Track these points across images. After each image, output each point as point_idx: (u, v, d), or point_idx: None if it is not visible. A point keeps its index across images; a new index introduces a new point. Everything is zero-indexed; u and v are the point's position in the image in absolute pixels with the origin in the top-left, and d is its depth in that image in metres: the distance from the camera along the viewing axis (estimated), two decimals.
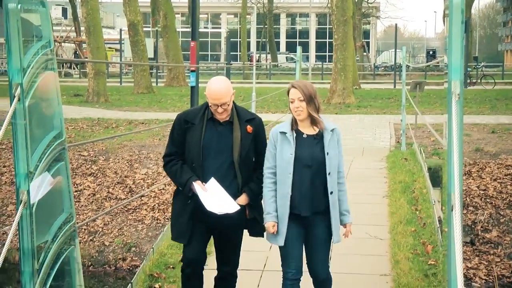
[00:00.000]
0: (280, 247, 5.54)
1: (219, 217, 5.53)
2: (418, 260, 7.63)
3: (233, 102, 5.68)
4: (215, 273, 5.94)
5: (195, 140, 5.58)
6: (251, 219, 5.67)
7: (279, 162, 5.45)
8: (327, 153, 5.42)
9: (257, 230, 5.73)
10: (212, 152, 5.57)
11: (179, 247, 7.72)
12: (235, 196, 5.58)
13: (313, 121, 5.47)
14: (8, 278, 12.41)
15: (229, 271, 5.89)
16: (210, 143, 5.57)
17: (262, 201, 5.66)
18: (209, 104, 5.55)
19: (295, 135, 5.47)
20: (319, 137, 5.47)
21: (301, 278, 5.61)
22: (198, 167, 5.58)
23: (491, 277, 10.71)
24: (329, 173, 5.42)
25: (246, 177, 5.64)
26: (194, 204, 5.58)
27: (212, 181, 5.53)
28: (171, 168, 5.75)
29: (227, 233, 5.73)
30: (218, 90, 5.45)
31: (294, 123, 5.52)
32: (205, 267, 5.85)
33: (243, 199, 5.59)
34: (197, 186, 5.55)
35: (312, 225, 5.55)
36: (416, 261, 7.56)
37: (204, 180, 5.55)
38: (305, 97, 5.38)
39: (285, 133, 5.47)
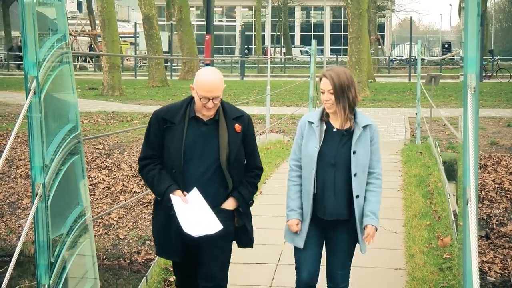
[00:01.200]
0: (295, 248, 5.14)
1: None
2: (433, 254, 7.61)
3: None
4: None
5: (175, 143, 4.88)
6: (240, 228, 5.05)
7: (304, 155, 4.98)
8: (354, 152, 4.88)
9: (247, 240, 5.15)
10: (196, 156, 4.88)
11: None
12: (220, 205, 4.94)
13: (345, 116, 4.95)
14: (23, 271, 12.48)
15: None
16: (193, 146, 4.89)
17: (286, 196, 5.11)
18: (199, 98, 4.84)
19: (324, 127, 4.97)
20: (349, 133, 4.94)
21: (316, 286, 5.18)
22: (179, 174, 4.88)
23: (506, 271, 10.68)
24: (355, 174, 4.89)
25: (237, 182, 4.98)
26: None
27: (195, 193, 4.84)
28: (147, 173, 5.02)
29: (213, 245, 4.93)
30: (213, 81, 4.81)
31: (324, 114, 5.03)
32: None
33: (230, 203, 4.95)
34: (176, 197, 4.85)
35: (334, 229, 5.07)
36: (431, 255, 7.54)
37: (186, 189, 4.87)
38: (336, 89, 4.87)
39: (312, 123, 4.99)
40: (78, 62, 53.40)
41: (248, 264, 7.12)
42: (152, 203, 14.10)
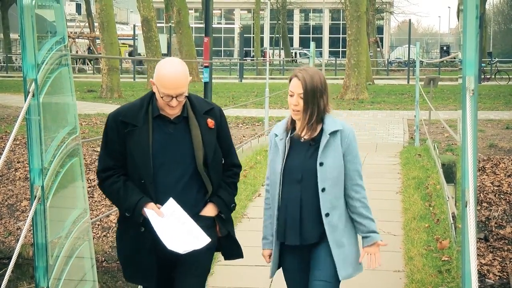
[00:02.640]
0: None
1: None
2: (432, 256, 7.61)
3: None
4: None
5: (141, 148, 4.21)
6: (224, 237, 4.46)
7: (271, 172, 4.37)
8: (320, 163, 4.21)
9: (234, 251, 4.57)
10: (167, 162, 4.24)
11: None
12: (200, 211, 4.36)
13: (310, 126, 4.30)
14: (22, 274, 12.47)
15: None
16: (163, 150, 4.24)
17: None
18: (160, 96, 4.18)
19: (287, 137, 4.34)
20: (316, 141, 4.29)
21: None
22: (150, 185, 4.21)
23: (505, 273, 10.67)
24: (322, 189, 4.21)
25: (215, 185, 4.40)
26: (151, 231, 4.22)
27: (171, 204, 4.20)
28: (110, 187, 4.31)
29: (193, 260, 4.32)
30: (176, 76, 4.15)
31: (290, 123, 4.39)
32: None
33: (210, 209, 4.35)
34: (151, 211, 4.20)
35: (309, 251, 4.39)
36: (429, 258, 7.55)
37: (159, 201, 4.22)
38: (307, 93, 4.21)
39: (277, 135, 4.38)
40: (77, 65, 53.45)
41: (247, 266, 7.12)
42: None
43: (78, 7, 67.58)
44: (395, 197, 10.55)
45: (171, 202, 4.20)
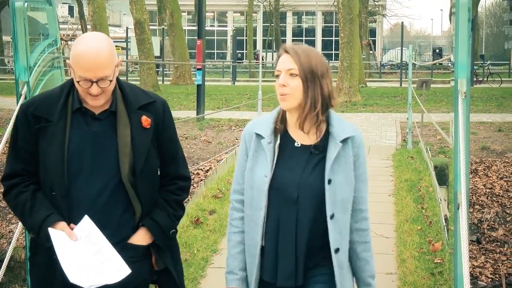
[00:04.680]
0: None
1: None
2: (424, 258, 7.62)
3: (118, 79, 3.40)
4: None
5: (53, 150, 3.26)
6: (161, 271, 3.52)
7: (248, 185, 3.24)
8: (329, 181, 3.14)
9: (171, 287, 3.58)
10: (86, 170, 3.28)
11: (185, 245, 7.72)
12: (127, 237, 3.38)
13: (315, 119, 3.19)
14: (14, 276, 12.43)
15: None
16: (81, 154, 3.28)
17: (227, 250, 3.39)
18: (76, 81, 3.24)
19: (278, 141, 3.23)
20: (320, 149, 3.20)
21: None
22: (62, 198, 3.27)
23: (497, 275, 10.69)
24: (331, 216, 3.15)
25: (149, 204, 3.42)
26: None
27: (86, 223, 3.26)
28: (16, 199, 3.39)
29: None
30: (95, 53, 3.16)
31: (280, 120, 3.28)
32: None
33: (141, 236, 3.39)
34: (57, 232, 3.25)
35: None
36: (422, 260, 7.55)
37: (73, 219, 3.28)
38: (302, 71, 3.14)
39: (262, 137, 3.23)
40: (69, 67, 53.28)
41: None
42: None
43: (71, 9, 67.50)
44: (387, 200, 10.55)
45: (86, 222, 3.25)
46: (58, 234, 3.24)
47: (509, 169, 14.02)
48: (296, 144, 3.24)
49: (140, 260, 3.39)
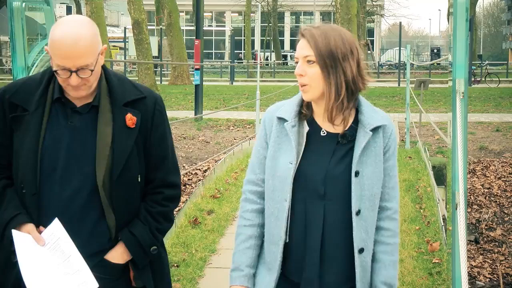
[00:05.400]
0: None
1: None
2: (423, 258, 7.62)
3: (104, 68, 3.03)
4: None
5: (27, 144, 2.92)
6: None
7: (270, 175, 2.91)
8: (356, 173, 2.83)
9: None
10: (59, 168, 2.90)
11: (183, 246, 7.72)
12: (102, 252, 2.98)
13: (341, 107, 2.86)
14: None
15: None
16: (56, 150, 2.92)
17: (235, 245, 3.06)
18: (54, 69, 2.87)
19: (306, 128, 2.89)
20: (348, 139, 2.89)
21: None
22: (31, 197, 2.91)
23: (495, 275, 10.69)
24: (357, 212, 2.83)
25: (126, 215, 3.00)
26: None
27: (55, 228, 2.88)
28: None
29: None
30: (73, 39, 2.77)
31: (304, 106, 2.94)
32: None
33: (117, 252, 2.99)
34: (22, 235, 2.90)
35: None
36: (420, 260, 7.55)
37: (43, 222, 2.91)
38: (320, 56, 2.79)
39: (285, 120, 2.90)
40: None
41: None
42: None
43: (69, 9, 67.48)
44: None
45: (55, 226, 2.87)
46: (23, 237, 2.89)
47: (507, 169, 14.04)
48: (322, 133, 2.90)
49: (118, 279, 3.00)
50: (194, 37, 22.53)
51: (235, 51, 52.85)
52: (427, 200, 10.30)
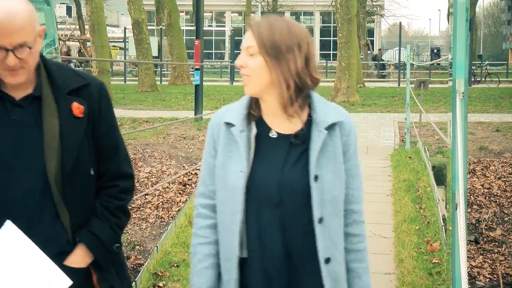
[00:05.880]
0: None
1: None
2: (422, 258, 7.63)
3: (42, 56, 2.77)
4: None
5: None
6: None
7: (220, 186, 2.69)
8: (316, 177, 2.59)
9: None
10: (5, 167, 2.66)
11: (184, 246, 7.72)
12: (61, 254, 2.72)
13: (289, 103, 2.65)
14: None
15: None
16: None
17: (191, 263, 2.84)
18: None
19: (254, 131, 2.67)
20: (302, 139, 2.66)
21: None
22: None
23: (495, 275, 10.70)
24: (320, 220, 2.60)
25: (81, 213, 2.76)
26: None
27: (9, 229, 2.61)
28: None
29: None
30: (7, 14, 2.54)
31: (253, 105, 2.73)
32: None
33: (79, 256, 2.76)
34: None
35: None
36: (420, 260, 7.56)
37: None
38: (263, 47, 2.60)
39: (232, 125, 2.68)
40: None
41: None
42: (141, 209, 14.06)
43: (69, 9, 67.51)
44: (385, 200, 10.56)
45: (8, 228, 2.61)
46: None
47: (507, 169, 14.03)
48: (271, 134, 2.68)
49: (80, 285, 2.72)
50: (194, 37, 22.51)
51: (235, 51, 52.77)
52: (427, 200, 10.31)
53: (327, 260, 2.63)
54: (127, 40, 48.18)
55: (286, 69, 2.59)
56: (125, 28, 51.18)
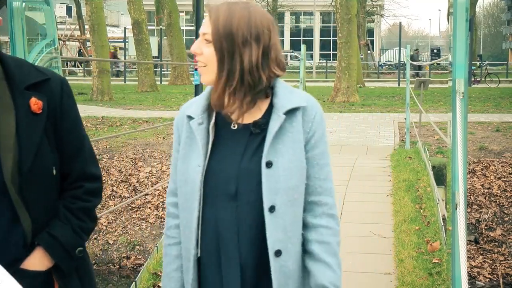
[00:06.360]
0: None
1: None
2: (422, 258, 7.62)
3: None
4: None
5: None
6: None
7: (181, 181, 2.53)
8: (268, 163, 2.41)
9: None
10: None
11: None
12: (18, 261, 2.49)
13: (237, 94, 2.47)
14: None
15: None
16: None
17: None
18: None
19: (212, 121, 2.52)
20: (261, 127, 2.48)
21: None
22: None
23: (495, 275, 10.70)
24: (270, 208, 2.40)
25: (43, 215, 2.53)
26: None
27: None
28: None
29: None
30: None
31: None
32: None
33: (37, 259, 2.51)
34: None
35: None
36: (420, 260, 7.55)
37: None
38: (217, 35, 2.43)
39: (192, 118, 2.54)
40: (67, 67, 53.34)
41: None
42: (141, 209, 14.06)
43: (69, 9, 67.51)
44: (385, 200, 10.55)
45: None
46: None
47: (507, 169, 14.03)
48: (233, 126, 2.51)
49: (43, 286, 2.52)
50: (194, 37, 22.50)
51: None
52: (427, 200, 10.30)
53: (278, 253, 2.42)
54: (127, 40, 48.19)
55: (237, 64, 2.42)
56: (125, 28, 51.21)
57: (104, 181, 14.69)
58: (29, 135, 2.47)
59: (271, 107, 2.49)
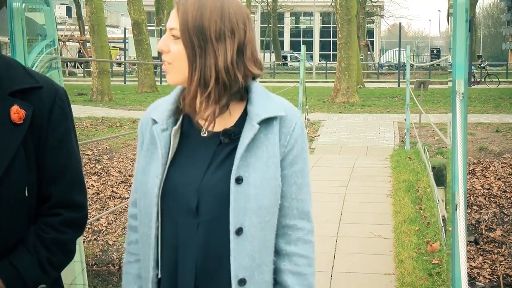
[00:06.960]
0: None
1: None
2: (422, 259, 7.62)
3: None
4: None
5: None
6: None
7: (141, 193, 2.24)
8: (238, 179, 2.11)
9: None
10: None
11: None
12: None
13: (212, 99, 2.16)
14: None
15: None
16: None
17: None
18: None
19: (175, 128, 2.22)
20: (232, 137, 2.18)
21: None
22: None
23: (495, 276, 10.70)
24: (238, 230, 2.11)
25: (7, 240, 2.14)
26: None
27: None
28: None
29: None
30: None
31: (181, 100, 2.27)
32: None
33: None
34: None
35: None
36: (420, 260, 7.55)
37: None
38: (186, 31, 2.12)
39: (156, 122, 2.25)
40: (67, 68, 53.36)
41: None
42: None
43: (69, 10, 67.53)
44: (385, 200, 10.55)
45: None
46: None
47: (507, 170, 14.04)
48: (202, 133, 2.20)
49: None
50: None
51: None
52: (427, 201, 10.30)
53: (241, 282, 2.12)
54: (127, 40, 48.20)
55: (211, 61, 2.12)
56: (125, 29, 51.24)
57: (104, 182, 14.75)
58: (3, 147, 2.10)
59: (245, 114, 2.20)
